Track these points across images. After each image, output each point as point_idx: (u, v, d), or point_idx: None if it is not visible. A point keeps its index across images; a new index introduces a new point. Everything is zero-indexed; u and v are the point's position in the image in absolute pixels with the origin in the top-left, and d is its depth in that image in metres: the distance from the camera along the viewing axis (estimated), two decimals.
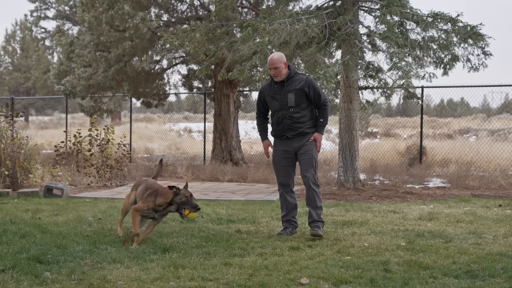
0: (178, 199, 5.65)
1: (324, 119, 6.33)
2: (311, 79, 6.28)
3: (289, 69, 6.27)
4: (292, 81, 6.25)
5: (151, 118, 36.63)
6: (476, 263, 4.99)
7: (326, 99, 6.30)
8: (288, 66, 6.28)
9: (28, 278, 4.48)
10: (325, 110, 6.29)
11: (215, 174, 12.96)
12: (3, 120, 11.40)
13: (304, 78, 6.27)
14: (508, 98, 38.98)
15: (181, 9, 15.20)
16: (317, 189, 6.35)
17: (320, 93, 6.25)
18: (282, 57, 6.24)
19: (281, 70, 6.20)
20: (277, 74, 6.21)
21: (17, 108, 18.98)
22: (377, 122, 30.71)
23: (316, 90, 6.22)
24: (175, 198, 5.66)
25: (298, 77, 6.27)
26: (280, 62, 6.19)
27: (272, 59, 6.21)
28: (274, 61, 6.19)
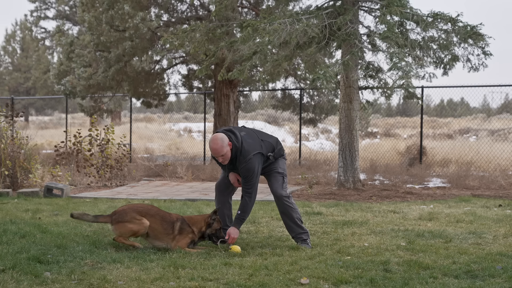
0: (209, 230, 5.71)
1: (241, 211, 5.60)
2: (246, 164, 5.54)
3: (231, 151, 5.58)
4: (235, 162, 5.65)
5: (151, 118, 36.62)
6: (476, 263, 4.99)
7: (250, 186, 5.55)
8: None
9: (28, 278, 4.48)
10: (246, 203, 5.58)
11: (215, 174, 12.96)
12: (3, 120, 11.40)
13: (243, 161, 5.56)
14: (508, 98, 39.02)
15: (181, 9, 15.20)
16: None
17: (246, 182, 5.56)
18: (224, 141, 5.51)
19: (227, 154, 5.55)
20: (225, 159, 5.59)
21: (17, 108, 18.98)
22: (377, 122, 30.71)
23: (243, 172, 5.57)
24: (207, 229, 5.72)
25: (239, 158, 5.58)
26: (224, 147, 5.51)
27: (213, 149, 5.54)
28: (218, 150, 5.51)
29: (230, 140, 5.55)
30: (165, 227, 5.61)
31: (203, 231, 5.68)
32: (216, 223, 5.69)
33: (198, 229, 5.68)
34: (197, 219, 5.77)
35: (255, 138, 5.73)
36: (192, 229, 5.66)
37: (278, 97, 17.54)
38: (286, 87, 16.88)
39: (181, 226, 5.62)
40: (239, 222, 5.63)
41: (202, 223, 5.69)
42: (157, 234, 5.59)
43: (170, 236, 5.60)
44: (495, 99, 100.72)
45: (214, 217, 5.68)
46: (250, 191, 5.58)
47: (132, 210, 5.64)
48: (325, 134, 28.83)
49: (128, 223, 5.53)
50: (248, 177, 5.57)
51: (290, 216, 5.81)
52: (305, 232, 5.84)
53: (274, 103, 17.80)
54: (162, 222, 5.62)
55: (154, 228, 5.57)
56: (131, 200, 9.27)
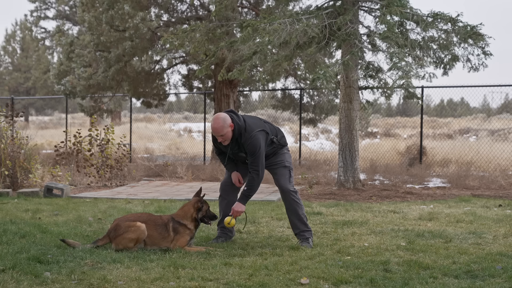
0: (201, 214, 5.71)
1: (248, 187, 5.64)
2: (252, 140, 5.57)
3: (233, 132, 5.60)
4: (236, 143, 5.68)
5: (151, 118, 36.63)
6: (476, 263, 4.99)
7: (257, 163, 5.58)
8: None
9: (28, 278, 4.48)
10: (252, 179, 5.62)
11: (215, 174, 12.96)
12: (3, 120, 11.40)
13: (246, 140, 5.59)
14: (508, 98, 39.02)
15: (181, 9, 15.20)
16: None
17: (254, 159, 5.58)
18: (225, 121, 5.53)
19: (228, 134, 5.58)
20: (225, 139, 5.61)
21: (17, 108, 18.96)
22: (377, 122, 30.71)
23: (249, 148, 5.59)
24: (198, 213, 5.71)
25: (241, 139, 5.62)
26: (225, 127, 5.53)
27: (214, 128, 5.55)
28: (218, 129, 5.53)
29: (232, 121, 5.55)
30: (159, 231, 5.57)
31: (195, 217, 5.64)
32: (205, 204, 5.69)
33: (191, 219, 5.64)
34: (185, 210, 5.70)
35: (258, 120, 5.81)
36: (185, 224, 5.61)
37: (278, 97, 17.54)
38: (286, 87, 16.88)
39: (174, 226, 5.60)
40: (244, 198, 5.63)
41: (192, 210, 5.66)
42: (153, 240, 5.56)
43: (167, 239, 5.57)
44: (495, 99, 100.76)
45: (201, 200, 5.68)
46: (257, 168, 5.57)
47: (123, 221, 5.60)
48: (325, 134, 28.83)
49: (125, 234, 5.48)
50: (254, 153, 5.55)
51: (296, 212, 5.81)
52: (308, 230, 5.84)
53: (274, 103, 17.80)
54: (155, 226, 5.58)
55: (149, 234, 5.54)
56: (131, 200, 9.27)
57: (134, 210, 8.05)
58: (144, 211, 8.00)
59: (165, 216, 5.77)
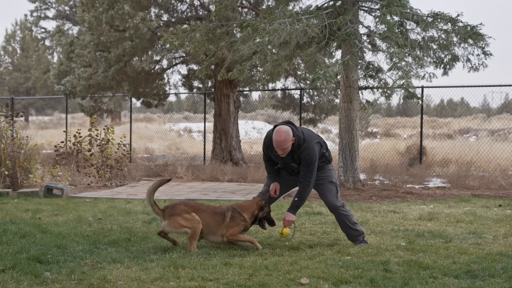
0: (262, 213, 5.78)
1: (298, 198, 5.71)
2: (309, 151, 5.63)
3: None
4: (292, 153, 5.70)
5: (151, 118, 36.62)
6: (476, 263, 4.99)
7: (310, 175, 5.63)
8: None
9: (28, 278, 4.48)
10: (303, 190, 5.69)
11: (215, 174, 12.96)
12: (3, 120, 11.40)
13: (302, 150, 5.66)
14: (508, 98, 39.01)
15: (181, 9, 15.20)
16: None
17: (307, 171, 5.64)
18: (288, 135, 5.55)
19: (289, 147, 5.61)
20: (285, 152, 5.64)
21: (17, 108, 18.95)
22: (377, 122, 30.71)
23: (305, 159, 5.64)
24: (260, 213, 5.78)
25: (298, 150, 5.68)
26: (289, 141, 5.56)
27: (278, 142, 5.54)
28: (282, 143, 5.53)
29: (293, 134, 5.60)
30: (216, 218, 5.66)
31: (255, 214, 5.73)
32: (267, 206, 5.78)
33: (251, 213, 5.72)
34: (248, 204, 5.81)
35: (312, 132, 5.87)
36: (244, 217, 5.69)
37: (278, 97, 17.53)
38: (286, 87, 16.87)
39: (232, 215, 5.67)
40: (295, 208, 5.73)
41: (255, 206, 5.75)
42: (210, 228, 5.64)
43: (221, 225, 5.64)
44: (495, 99, 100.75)
45: (265, 200, 5.76)
46: (309, 179, 5.65)
47: (183, 205, 5.71)
48: (325, 134, 28.81)
49: (178, 217, 5.55)
50: (309, 165, 5.60)
51: (346, 224, 5.88)
52: (361, 233, 5.91)
53: (274, 103, 17.79)
54: (213, 215, 5.67)
55: (206, 223, 5.61)
56: (131, 200, 9.27)
57: (134, 210, 8.05)
58: (144, 211, 8.00)
59: (225, 206, 5.89)
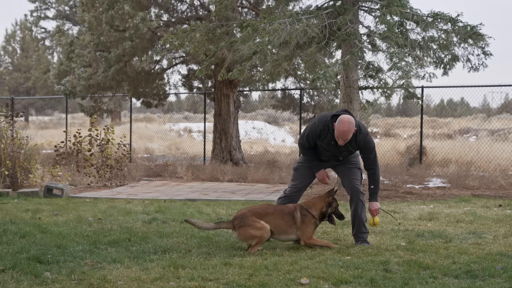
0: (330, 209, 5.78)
1: (373, 185, 5.75)
2: (368, 139, 5.69)
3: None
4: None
5: (151, 118, 36.62)
6: (476, 263, 4.99)
7: (376, 165, 5.75)
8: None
9: (28, 278, 4.48)
10: (375, 174, 5.75)
11: (215, 174, 12.96)
12: (3, 120, 11.40)
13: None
14: (508, 98, 39.01)
15: (181, 9, 15.20)
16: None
17: (372, 157, 5.74)
18: (352, 126, 5.53)
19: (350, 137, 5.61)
20: (345, 142, 5.62)
21: (17, 108, 18.96)
22: (377, 122, 30.71)
23: (367, 146, 5.72)
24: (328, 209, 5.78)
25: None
26: (352, 131, 5.55)
27: (344, 132, 5.51)
28: (347, 133, 5.51)
29: (356, 123, 5.61)
30: (286, 219, 5.63)
31: (324, 211, 5.72)
32: (335, 201, 5.78)
33: (319, 211, 5.71)
34: (315, 201, 5.80)
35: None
36: (313, 214, 5.68)
37: (278, 97, 17.54)
38: (286, 87, 16.88)
39: (302, 213, 5.66)
40: (375, 196, 5.76)
41: (323, 203, 5.74)
42: (280, 229, 5.62)
43: (293, 227, 5.62)
44: (495, 99, 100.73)
45: (333, 196, 5.75)
46: (376, 164, 5.73)
47: (251, 213, 5.62)
48: None
49: (249, 228, 5.51)
50: (372, 150, 5.68)
51: (360, 214, 5.87)
52: (366, 232, 5.91)
53: (274, 103, 17.80)
54: (282, 216, 5.64)
55: (276, 224, 5.59)
56: (131, 200, 9.26)
57: (134, 210, 8.05)
58: (144, 211, 8.00)
59: (292, 204, 5.83)
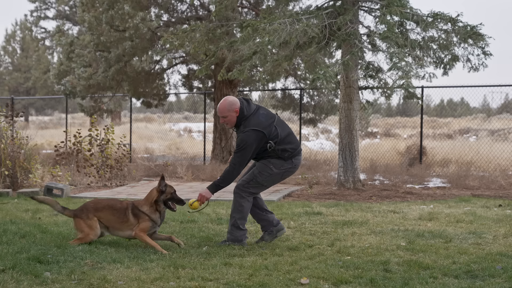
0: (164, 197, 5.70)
1: (221, 178, 5.58)
2: (243, 135, 5.55)
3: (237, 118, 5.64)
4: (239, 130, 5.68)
5: (151, 118, 36.62)
6: (476, 263, 4.99)
7: (238, 158, 5.53)
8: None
9: (28, 278, 4.48)
10: (227, 171, 5.57)
11: (215, 174, 12.96)
12: (3, 120, 11.40)
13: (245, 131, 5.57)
14: (508, 98, 39.01)
15: (181, 9, 15.20)
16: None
17: (236, 152, 5.56)
18: (231, 105, 5.58)
19: (231, 118, 5.63)
20: (227, 122, 5.67)
21: (17, 108, 18.97)
22: (377, 122, 30.71)
23: (238, 141, 5.60)
24: (160, 197, 5.69)
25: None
26: (230, 111, 5.58)
27: (218, 108, 5.64)
28: (221, 110, 5.60)
29: (240, 109, 5.55)
30: (117, 216, 5.66)
31: (156, 199, 5.64)
32: (168, 188, 5.70)
33: (149, 204, 5.64)
34: (146, 196, 5.77)
35: (269, 121, 5.64)
36: (144, 212, 5.61)
37: (278, 97, 17.54)
38: (286, 87, 16.88)
39: (133, 212, 5.64)
40: (214, 187, 5.58)
41: (154, 193, 5.69)
42: (114, 225, 5.69)
43: (125, 223, 5.64)
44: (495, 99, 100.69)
45: (163, 183, 5.69)
46: (235, 162, 5.52)
47: (90, 207, 5.77)
48: (325, 134, 28.82)
49: (82, 222, 5.68)
50: (239, 146, 5.51)
51: (233, 214, 5.73)
52: (243, 233, 5.75)
53: (274, 103, 17.80)
54: (113, 211, 5.68)
55: (109, 219, 5.67)
56: (131, 200, 9.25)
57: None
58: None
59: (125, 202, 5.87)
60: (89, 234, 5.64)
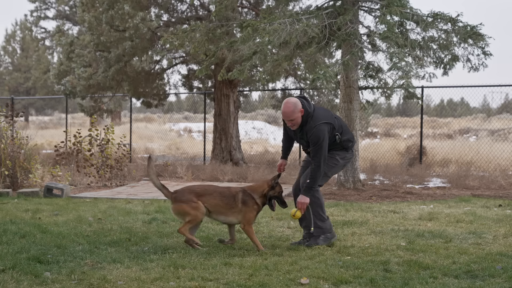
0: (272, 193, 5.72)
1: (310, 179, 5.64)
2: (316, 130, 5.61)
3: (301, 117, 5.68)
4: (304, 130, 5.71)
5: (151, 118, 36.61)
6: (476, 263, 4.99)
7: (317, 155, 5.57)
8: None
9: (28, 278, 4.48)
10: (313, 170, 5.62)
11: (215, 174, 12.96)
12: (3, 120, 11.40)
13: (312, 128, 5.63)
14: (508, 98, 39.02)
15: (181, 9, 15.20)
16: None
17: (316, 150, 5.60)
18: (296, 106, 5.60)
19: (297, 119, 5.65)
20: (294, 124, 5.68)
21: (17, 108, 18.97)
22: (377, 122, 30.70)
23: (312, 139, 5.64)
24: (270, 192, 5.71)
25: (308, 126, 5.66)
26: (296, 112, 5.60)
27: (285, 112, 5.61)
28: (289, 114, 5.60)
29: (303, 107, 5.59)
30: (225, 201, 5.64)
31: (265, 193, 5.67)
32: (278, 186, 5.72)
33: (260, 194, 5.67)
34: (255, 186, 5.78)
35: (328, 112, 5.80)
36: (255, 199, 5.64)
37: (278, 97, 17.54)
38: (286, 87, 16.88)
39: (243, 198, 5.64)
40: (308, 190, 5.62)
41: (265, 186, 5.71)
42: (219, 210, 5.64)
43: (232, 209, 5.62)
44: (495, 99, 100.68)
45: (276, 180, 5.71)
46: (319, 159, 5.57)
47: (189, 190, 5.70)
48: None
49: (184, 204, 5.58)
50: (316, 144, 5.57)
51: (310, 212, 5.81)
52: (322, 228, 5.83)
53: (274, 103, 17.80)
54: (221, 197, 5.66)
55: (215, 203, 5.62)
56: (131, 200, 9.26)
57: (134, 210, 8.05)
58: (144, 211, 8.00)
59: (234, 188, 5.84)
60: (197, 215, 5.58)
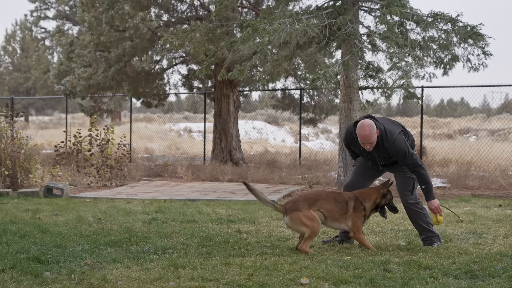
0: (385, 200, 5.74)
1: (424, 184, 5.64)
2: (397, 143, 5.59)
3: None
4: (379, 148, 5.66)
5: (151, 118, 36.59)
6: (476, 263, 4.99)
7: (414, 163, 5.60)
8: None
9: (28, 278, 4.48)
10: (421, 175, 5.63)
11: (215, 174, 12.96)
12: (3, 120, 11.40)
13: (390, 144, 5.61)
14: (508, 98, 39.01)
15: (181, 9, 15.20)
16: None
17: (407, 159, 5.59)
18: (373, 129, 5.53)
19: (375, 140, 5.59)
20: (372, 145, 5.62)
21: (17, 108, 18.96)
22: None
23: (398, 155, 5.63)
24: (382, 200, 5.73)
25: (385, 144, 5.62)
26: (374, 134, 5.54)
27: (364, 136, 5.53)
28: (368, 138, 5.52)
29: (377, 127, 5.58)
30: (339, 207, 5.61)
31: (377, 202, 5.68)
32: (390, 194, 5.74)
33: (372, 202, 5.67)
34: (369, 192, 5.75)
35: (392, 121, 5.83)
36: (364, 206, 5.64)
37: (278, 97, 17.54)
38: (286, 87, 16.88)
39: (355, 205, 5.62)
40: (430, 194, 5.66)
41: (377, 194, 5.70)
42: (334, 216, 5.61)
43: (344, 215, 5.60)
44: (495, 99, 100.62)
45: (388, 188, 5.72)
46: (417, 164, 5.60)
47: (305, 199, 5.64)
48: (325, 134, 28.83)
49: (301, 214, 5.51)
50: (406, 154, 5.56)
51: (418, 222, 5.89)
52: (435, 235, 5.87)
53: (274, 103, 17.80)
54: (336, 202, 5.64)
55: (331, 209, 5.59)
56: (131, 200, 9.26)
57: (134, 210, 8.05)
58: (144, 211, 8.00)
59: (346, 193, 5.79)
60: (314, 226, 5.50)
